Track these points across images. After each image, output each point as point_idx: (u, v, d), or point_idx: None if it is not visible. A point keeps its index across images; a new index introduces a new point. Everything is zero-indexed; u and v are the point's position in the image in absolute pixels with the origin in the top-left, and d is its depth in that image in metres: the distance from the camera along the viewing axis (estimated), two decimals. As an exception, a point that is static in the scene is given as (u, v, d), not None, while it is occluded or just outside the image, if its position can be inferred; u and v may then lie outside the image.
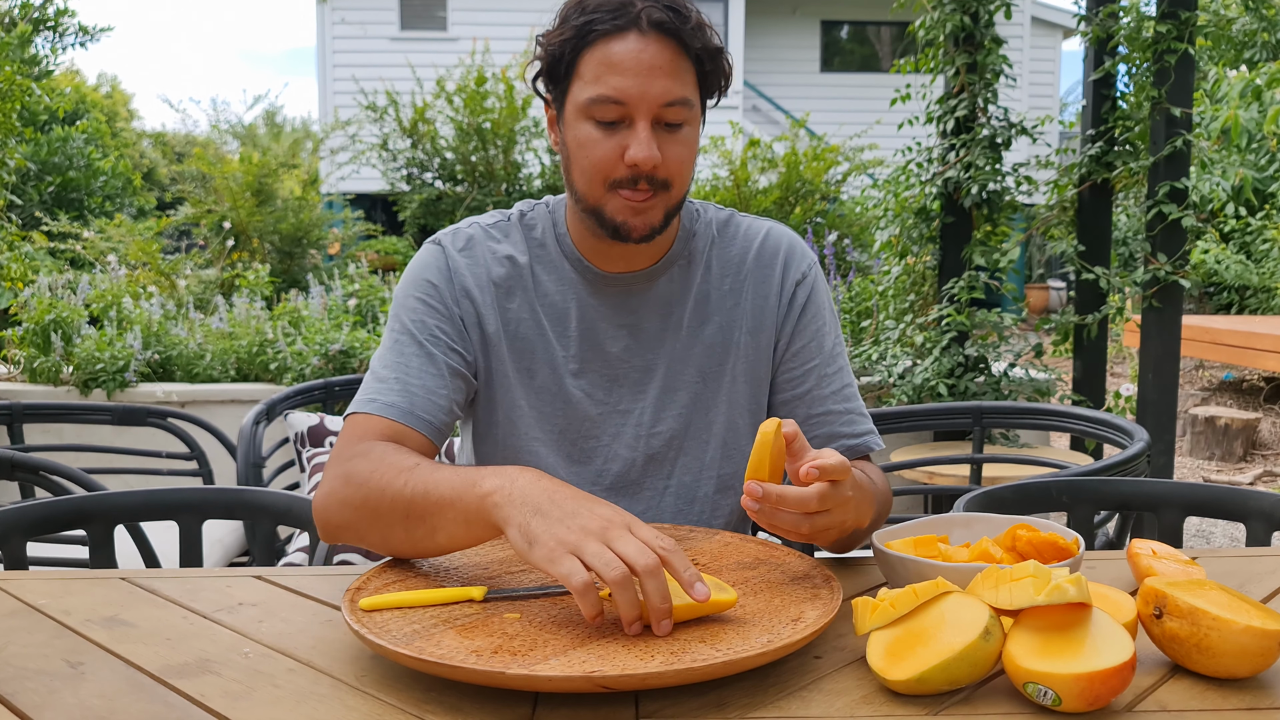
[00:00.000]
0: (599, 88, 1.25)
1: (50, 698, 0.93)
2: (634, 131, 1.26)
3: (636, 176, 1.27)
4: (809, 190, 8.92)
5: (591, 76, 1.26)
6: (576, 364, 1.39)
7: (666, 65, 1.25)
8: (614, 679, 0.87)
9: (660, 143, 1.27)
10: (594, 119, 1.27)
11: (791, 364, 1.44)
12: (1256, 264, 9.50)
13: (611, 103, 1.25)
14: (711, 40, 1.29)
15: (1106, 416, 2.48)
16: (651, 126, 1.26)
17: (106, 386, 4.09)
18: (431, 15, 14.39)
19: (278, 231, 9.17)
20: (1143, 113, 4.21)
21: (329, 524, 1.22)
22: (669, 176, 1.28)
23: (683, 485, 1.43)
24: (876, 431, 1.47)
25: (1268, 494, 1.56)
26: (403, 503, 1.14)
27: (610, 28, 1.25)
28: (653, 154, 1.25)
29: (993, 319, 4.24)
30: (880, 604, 0.96)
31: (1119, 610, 0.99)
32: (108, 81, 24.85)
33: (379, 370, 1.32)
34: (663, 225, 1.32)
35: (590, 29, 1.25)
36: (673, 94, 1.25)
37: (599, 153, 1.27)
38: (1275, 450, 6.45)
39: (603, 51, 1.25)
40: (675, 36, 1.25)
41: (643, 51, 1.24)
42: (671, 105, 1.26)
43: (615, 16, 1.25)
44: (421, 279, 1.38)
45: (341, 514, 1.20)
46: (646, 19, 1.24)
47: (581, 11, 1.26)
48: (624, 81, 1.24)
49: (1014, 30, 14.03)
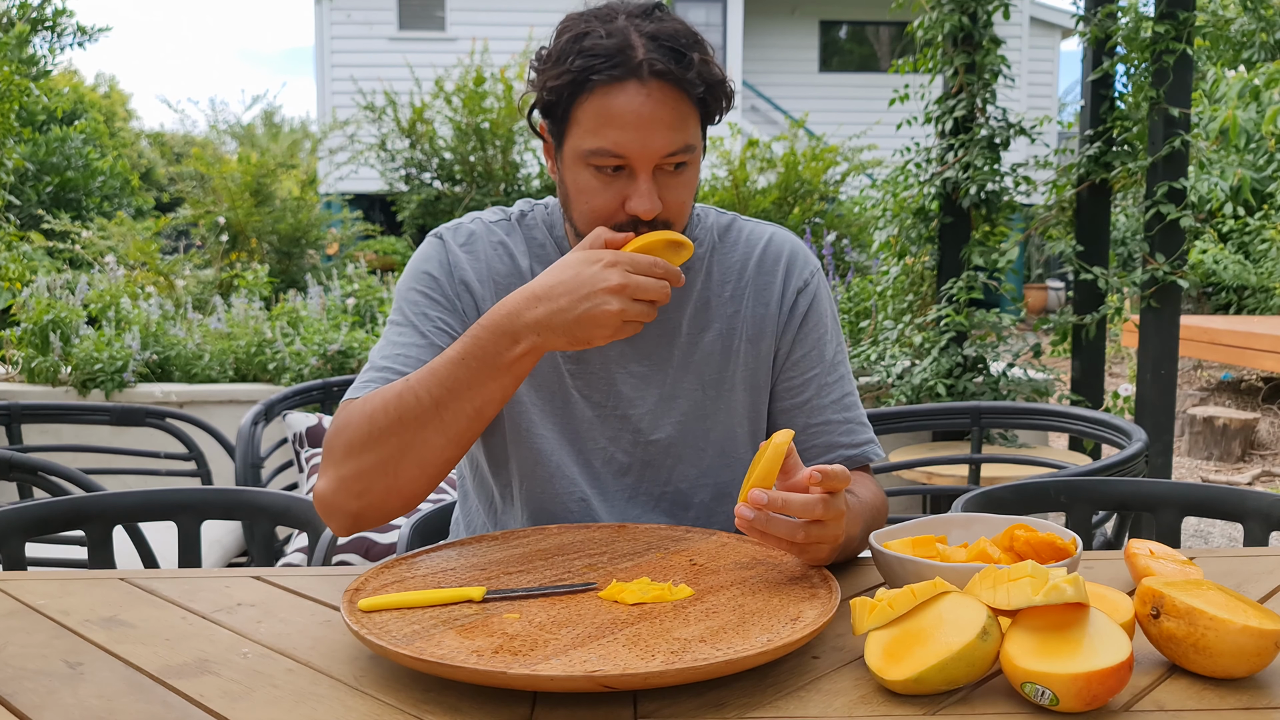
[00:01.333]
0: (598, 140, 1.22)
1: (49, 698, 0.93)
2: (635, 183, 1.23)
3: (638, 223, 1.25)
4: (808, 190, 8.92)
5: (590, 127, 1.23)
6: (574, 365, 1.38)
7: (668, 117, 1.21)
8: (615, 678, 0.87)
9: (661, 187, 1.25)
10: (594, 167, 1.24)
11: (792, 373, 1.43)
12: (1255, 264, 9.51)
13: (611, 155, 1.22)
14: (713, 73, 1.25)
15: (1105, 416, 2.48)
16: (653, 173, 1.24)
17: (105, 387, 4.09)
18: (430, 15, 14.39)
19: (276, 232, 9.17)
20: (1141, 113, 4.21)
21: (340, 508, 1.20)
22: (669, 218, 1.26)
23: (679, 492, 1.42)
24: (877, 441, 1.46)
25: (1265, 494, 1.56)
26: (422, 399, 1.17)
27: (607, 78, 1.20)
28: (654, 206, 1.23)
29: (991, 319, 4.24)
30: (878, 604, 0.96)
31: (1116, 610, 0.99)
32: (105, 81, 24.83)
33: (376, 360, 1.32)
34: None
35: (588, 77, 1.21)
36: (674, 144, 1.22)
37: (598, 201, 1.25)
38: (1273, 450, 6.45)
39: (601, 102, 1.21)
40: (677, 84, 1.21)
41: (644, 105, 1.20)
42: (673, 155, 1.23)
43: (613, 65, 1.20)
44: (422, 271, 1.38)
45: (357, 480, 1.19)
46: (648, 68, 1.20)
47: (579, 54, 1.21)
48: (624, 136, 1.21)
49: (1012, 30, 14.03)
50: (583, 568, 1.17)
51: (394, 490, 1.20)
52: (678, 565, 1.18)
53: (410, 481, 1.20)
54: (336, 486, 1.20)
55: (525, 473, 1.40)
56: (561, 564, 1.18)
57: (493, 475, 1.45)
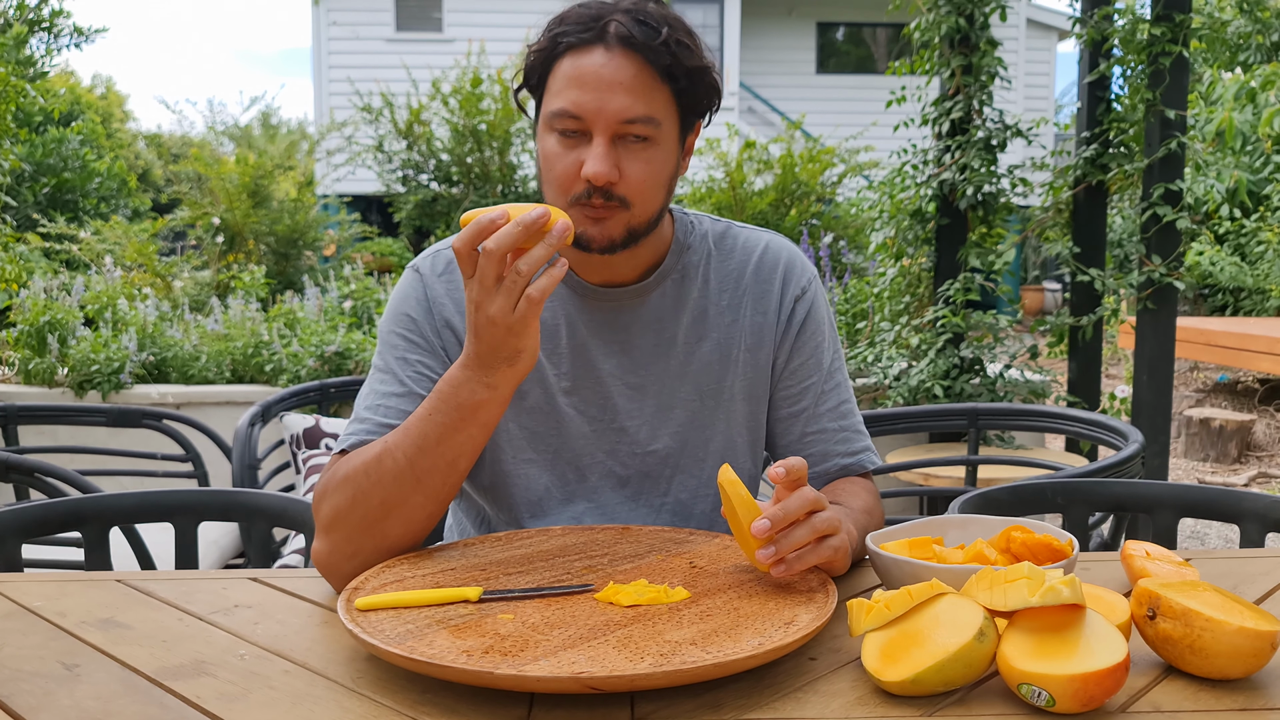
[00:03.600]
0: (560, 101, 1.24)
1: (45, 700, 0.93)
2: (591, 146, 1.23)
3: (591, 191, 1.24)
4: (805, 192, 8.92)
5: (556, 89, 1.25)
6: (568, 382, 1.37)
7: (628, 81, 1.22)
8: (603, 680, 0.87)
9: (622, 160, 1.24)
10: (557, 131, 1.25)
11: (789, 381, 1.43)
12: (1251, 266, 9.52)
13: (570, 116, 1.23)
14: (689, 59, 1.25)
15: (1101, 418, 2.48)
16: (612, 142, 1.23)
17: (101, 388, 4.08)
18: (427, 16, 14.39)
19: (273, 233, 9.16)
20: (1137, 115, 4.22)
21: (336, 569, 1.21)
22: (627, 194, 1.25)
23: (679, 503, 1.41)
24: (873, 449, 1.46)
25: (1262, 495, 1.56)
26: (397, 459, 1.17)
27: (577, 40, 1.23)
28: (604, 169, 1.22)
29: (988, 320, 4.25)
30: (875, 605, 0.96)
31: (1113, 611, 1.00)
32: (102, 82, 24.81)
33: (360, 411, 1.32)
34: (625, 241, 1.28)
35: (560, 41, 1.24)
36: (632, 112, 1.22)
37: (559, 166, 1.25)
38: (1269, 452, 6.46)
39: (569, 64, 1.24)
40: (642, 52, 1.22)
41: (604, 66, 1.22)
42: (632, 123, 1.23)
43: (584, 30, 1.23)
44: (401, 313, 1.36)
45: (347, 543, 1.20)
46: (615, 33, 1.22)
47: (560, 23, 1.25)
48: (582, 96, 1.22)
49: (1009, 32, 14.05)
50: (582, 569, 1.17)
51: (383, 549, 1.21)
52: (677, 568, 1.18)
53: (397, 539, 1.21)
54: (330, 549, 1.21)
55: (517, 500, 1.39)
56: (562, 565, 1.18)
57: (480, 499, 1.44)
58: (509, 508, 1.40)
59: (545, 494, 1.38)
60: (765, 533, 1.05)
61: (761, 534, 1.05)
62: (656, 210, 1.30)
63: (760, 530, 1.05)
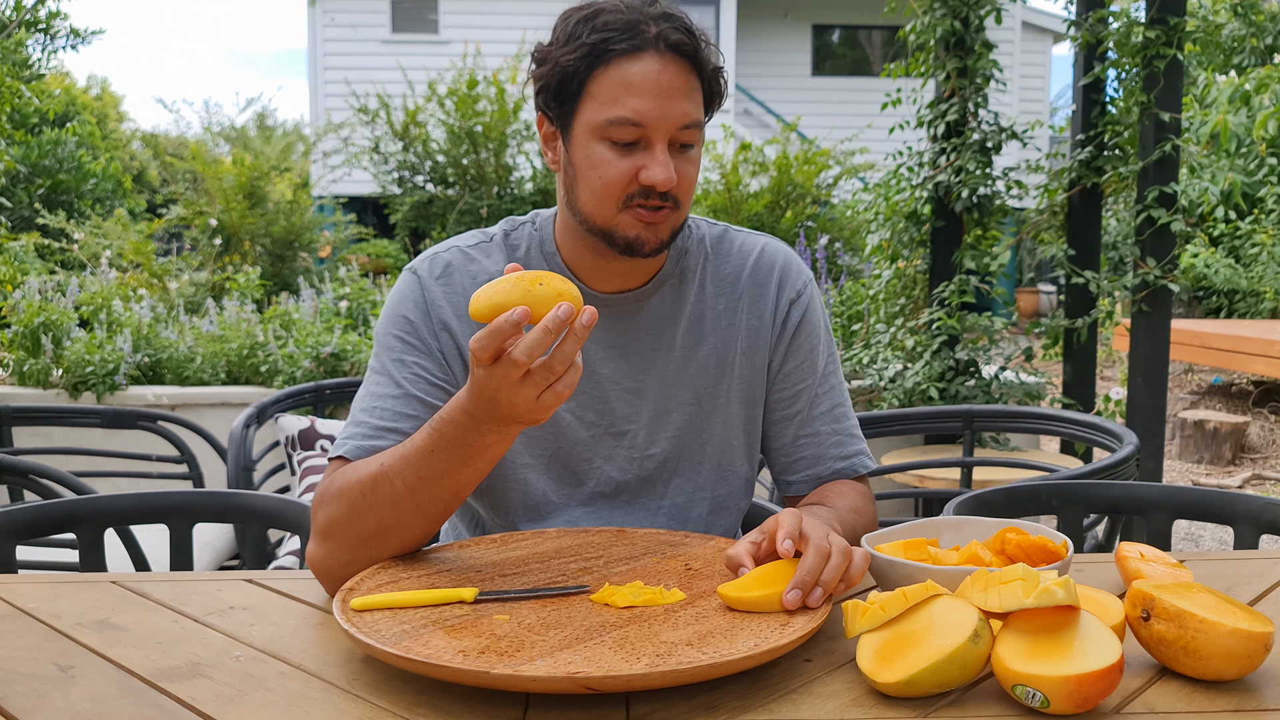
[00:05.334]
0: (617, 109, 1.23)
1: (40, 701, 0.93)
2: (651, 153, 1.24)
3: (648, 193, 1.25)
4: (800, 194, 8.93)
5: (608, 98, 1.24)
6: None
7: (683, 87, 1.25)
8: (598, 680, 0.87)
9: (676, 163, 1.26)
10: (609, 140, 1.25)
11: (784, 384, 1.43)
12: (1245, 268, 9.53)
13: (630, 125, 1.23)
14: (713, 60, 1.29)
15: (1096, 420, 2.48)
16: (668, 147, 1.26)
17: (96, 389, 4.08)
18: (423, 18, 14.38)
19: (269, 234, 9.15)
20: (1132, 117, 4.23)
21: (330, 575, 1.21)
22: (680, 195, 1.28)
23: (676, 506, 1.41)
24: (868, 453, 1.46)
25: (1256, 497, 1.57)
26: (397, 486, 1.16)
27: (627, 47, 1.23)
28: (671, 176, 1.24)
29: (983, 323, 4.25)
30: (870, 607, 0.96)
31: (1107, 613, 1.00)
32: (98, 83, 24.77)
33: (357, 414, 1.31)
34: (669, 241, 1.30)
35: (606, 48, 1.23)
36: (690, 116, 1.25)
37: (613, 173, 1.25)
38: (1263, 454, 6.48)
39: (619, 72, 1.23)
40: (691, 58, 1.26)
41: (662, 73, 1.23)
42: (688, 128, 1.25)
43: (631, 36, 1.23)
44: (398, 315, 1.35)
45: (342, 552, 1.20)
46: (664, 41, 1.24)
47: (593, 29, 1.24)
48: (644, 104, 1.23)
49: (1004, 35, 14.08)
50: (577, 571, 1.17)
51: (376, 560, 1.21)
52: (673, 570, 1.18)
53: (392, 553, 1.21)
54: (324, 555, 1.21)
55: (513, 505, 1.39)
56: (557, 567, 1.19)
57: (475, 504, 1.44)
58: (505, 512, 1.40)
59: (542, 498, 1.38)
60: (798, 602, 1.02)
61: (795, 605, 1.02)
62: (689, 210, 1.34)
63: (793, 602, 1.02)
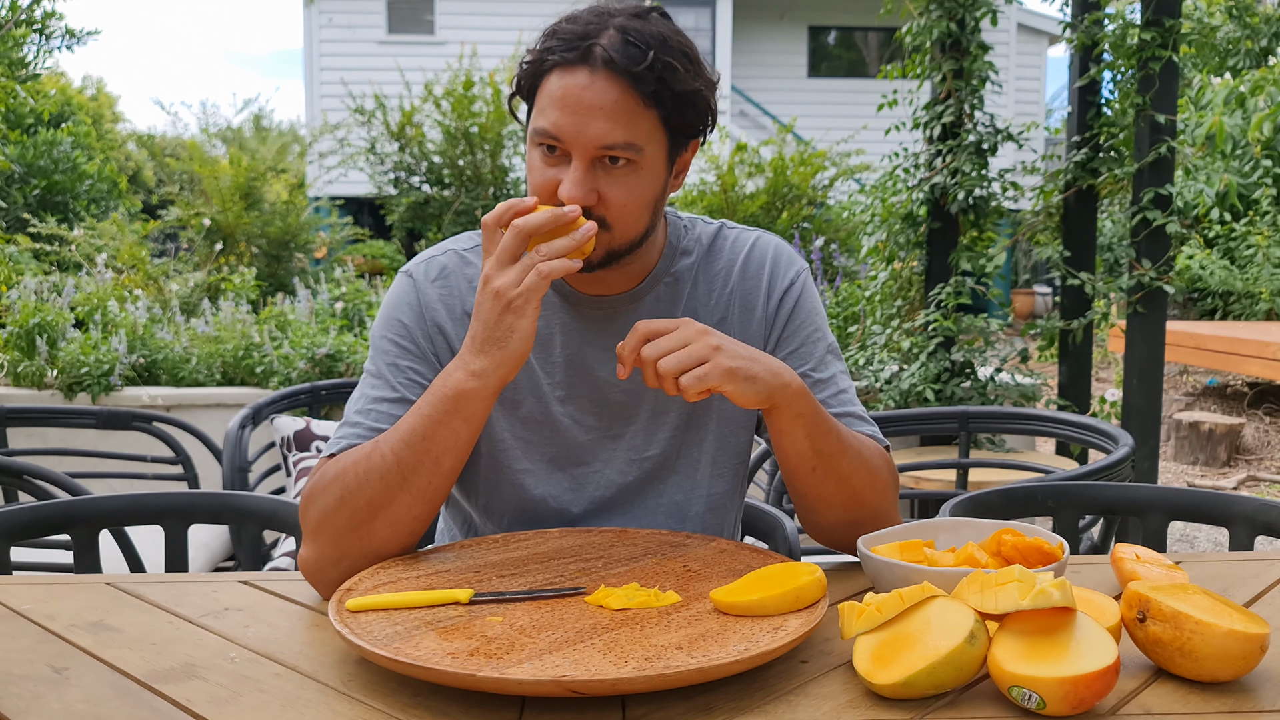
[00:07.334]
0: (541, 120, 1.22)
1: (35, 703, 0.92)
2: (569, 168, 1.22)
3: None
4: (796, 195, 8.93)
5: (539, 107, 1.23)
6: (563, 390, 1.36)
7: (609, 107, 1.19)
8: (585, 684, 0.87)
9: (602, 182, 1.22)
10: (541, 147, 1.24)
11: None
12: (1240, 269, 9.55)
13: (548, 136, 1.22)
14: (678, 82, 1.21)
15: (1091, 421, 2.49)
16: (591, 165, 1.21)
17: (91, 390, 4.07)
18: (419, 19, 14.37)
19: (265, 235, 9.14)
20: (1127, 119, 4.24)
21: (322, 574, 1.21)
22: (606, 216, 1.23)
23: (674, 504, 1.41)
24: (879, 435, 1.42)
25: (1251, 499, 1.57)
26: (385, 456, 1.19)
27: (562, 59, 1.21)
28: (579, 194, 1.20)
29: (979, 324, 4.26)
30: (866, 608, 0.96)
31: (1103, 614, 1.00)
32: (93, 84, 24.73)
33: (350, 415, 1.31)
34: (603, 262, 1.27)
35: (547, 57, 1.22)
36: (610, 138, 1.20)
37: (539, 181, 1.24)
38: (1259, 455, 6.49)
39: (555, 83, 1.21)
40: (626, 76, 1.19)
41: (586, 90, 1.19)
42: (611, 148, 1.20)
43: (570, 49, 1.20)
44: (393, 318, 1.35)
45: (334, 546, 1.20)
46: (599, 56, 1.19)
47: (549, 37, 1.23)
48: (562, 119, 1.20)
49: (1000, 37, 14.09)
50: (576, 572, 1.17)
51: (369, 553, 1.20)
52: (671, 571, 1.17)
53: (384, 542, 1.21)
54: (316, 555, 1.21)
55: (510, 509, 1.39)
56: (556, 568, 1.18)
57: (470, 508, 1.44)
58: (503, 516, 1.39)
59: (540, 502, 1.38)
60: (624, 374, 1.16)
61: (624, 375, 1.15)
62: (640, 232, 1.29)
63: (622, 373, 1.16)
